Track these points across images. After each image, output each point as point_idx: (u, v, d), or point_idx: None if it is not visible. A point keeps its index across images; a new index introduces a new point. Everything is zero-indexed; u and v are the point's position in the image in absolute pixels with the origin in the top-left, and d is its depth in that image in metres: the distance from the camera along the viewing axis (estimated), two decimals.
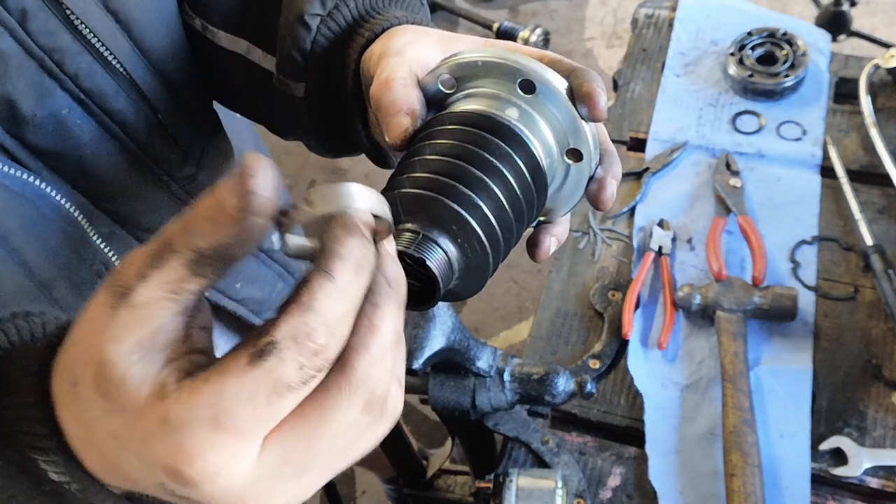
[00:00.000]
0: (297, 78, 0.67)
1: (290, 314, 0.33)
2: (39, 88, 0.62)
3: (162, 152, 0.74)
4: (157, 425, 0.33)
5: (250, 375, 0.32)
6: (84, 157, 0.67)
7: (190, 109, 0.76)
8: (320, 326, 0.33)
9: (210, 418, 0.32)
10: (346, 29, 0.65)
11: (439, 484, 1.14)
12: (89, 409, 0.35)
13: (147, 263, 0.34)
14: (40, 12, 0.61)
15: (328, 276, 0.33)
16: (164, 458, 0.33)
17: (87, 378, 0.35)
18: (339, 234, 0.34)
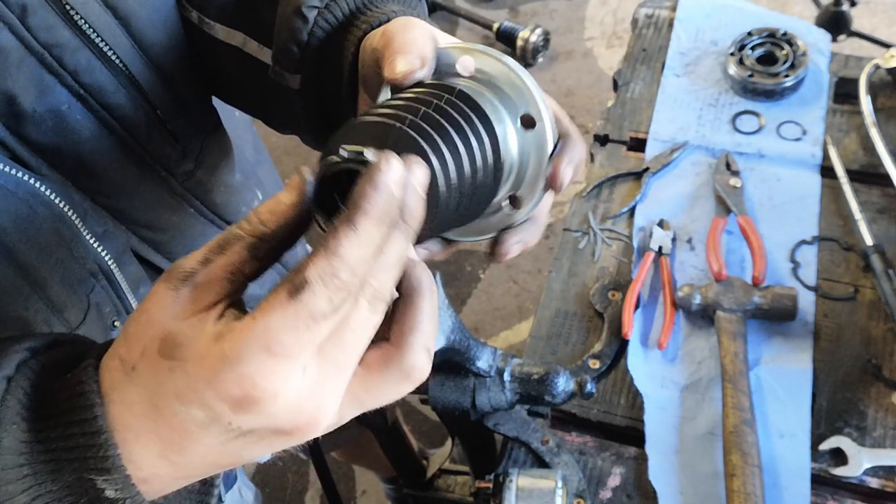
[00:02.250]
0: (292, 70, 0.67)
1: (318, 257, 0.38)
2: (39, 84, 0.62)
3: (161, 148, 0.74)
4: (219, 362, 0.38)
5: (290, 308, 0.38)
6: (83, 153, 0.67)
7: (189, 105, 0.77)
8: (343, 267, 0.38)
9: (263, 347, 0.38)
10: (343, 21, 0.66)
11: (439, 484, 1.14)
12: (152, 379, 0.40)
13: (210, 252, 0.41)
14: (40, 8, 0.61)
15: (352, 226, 0.39)
16: (230, 389, 0.38)
17: (151, 352, 0.40)
18: (367, 190, 0.39)
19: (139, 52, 0.70)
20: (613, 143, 1.30)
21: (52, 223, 0.65)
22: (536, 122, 0.52)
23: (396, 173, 0.40)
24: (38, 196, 0.64)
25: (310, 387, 0.40)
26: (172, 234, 0.79)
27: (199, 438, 0.41)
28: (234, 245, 0.41)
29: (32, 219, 0.63)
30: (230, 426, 0.40)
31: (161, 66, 0.72)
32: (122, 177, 0.71)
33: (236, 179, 0.87)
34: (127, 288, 0.74)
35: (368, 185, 0.39)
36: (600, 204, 1.22)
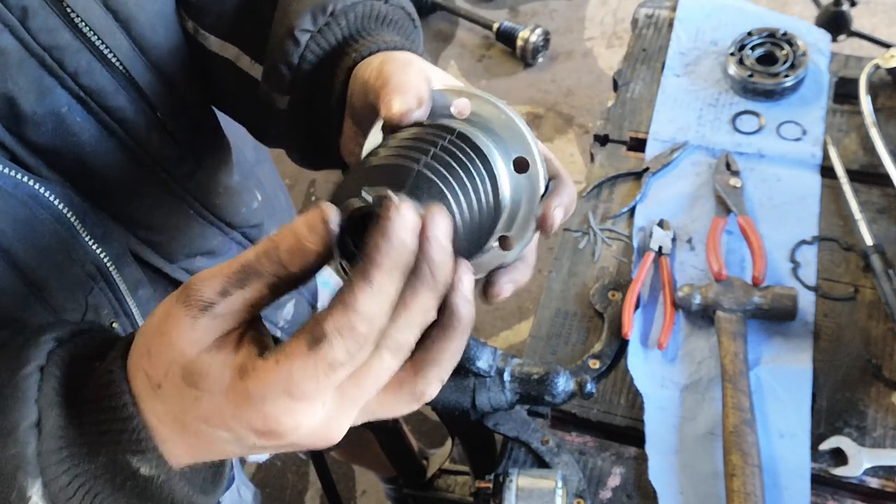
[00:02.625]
0: (281, 91, 0.67)
1: (335, 311, 0.40)
2: (39, 86, 0.62)
3: (161, 150, 0.74)
4: (244, 399, 0.41)
5: (310, 359, 0.40)
6: (83, 155, 0.67)
7: (188, 108, 0.77)
8: (360, 320, 0.40)
9: (284, 391, 0.41)
10: (335, 47, 0.66)
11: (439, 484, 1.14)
12: (178, 402, 0.43)
13: (230, 284, 0.42)
14: (41, 10, 0.61)
15: (368, 280, 0.40)
16: (255, 423, 0.42)
17: (175, 377, 0.43)
18: (378, 243, 0.40)
19: (139, 54, 0.70)
20: (613, 143, 1.30)
21: (51, 225, 0.65)
22: (529, 164, 0.52)
23: (408, 222, 0.40)
24: (37, 198, 0.64)
25: (327, 418, 0.43)
26: (172, 235, 0.79)
27: (222, 447, 0.45)
28: (255, 282, 0.42)
29: (31, 221, 0.63)
30: (254, 446, 0.44)
31: (161, 69, 0.72)
32: (122, 178, 0.71)
33: (235, 180, 0.87)
34: (126, 290, 0.74)
35: (381, 237, 0.40)
36: (600, 204, 1.22)
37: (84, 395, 0.46)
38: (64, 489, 0.44)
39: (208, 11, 0.74)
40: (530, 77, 2.98)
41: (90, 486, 0.45)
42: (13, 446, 0.44)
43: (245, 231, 0.89)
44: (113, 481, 0.46)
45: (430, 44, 3.17)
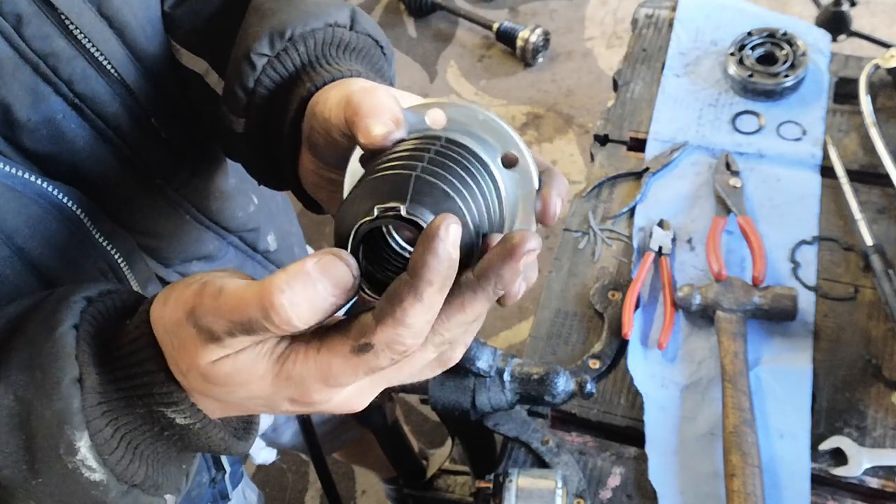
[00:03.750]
0: (237, 113, 0.66)
1: (386, 326, 0.41)
2: (34, 93, 0.62)
3: (155, 156, 0.74)
4: (282, 381, 0.44)
5: (352, 362, 0.42)
6: (79, 162, 0.67)
7: (182, 114, 0.76)
8: (409, 335, 0.41)
9: (321, 378, 0.43)
10: (292, 73, 0.64)
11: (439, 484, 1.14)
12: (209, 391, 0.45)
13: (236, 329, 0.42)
14: (35, 17, 0.61)
15: (418, 297, 0.40)
16: (290, 396, 0.44)
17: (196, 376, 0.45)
18: (428, 261, 0.40)
19: (134, 61, 0.70)
20: (613, 143, 1.30)
21: (62, 222, 0.66)
22: (518, 159, 0.51)
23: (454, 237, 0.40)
24: (47, 196, 0.64)
25: (358, 392, 0.46)
26: (168, 239, 0.79)
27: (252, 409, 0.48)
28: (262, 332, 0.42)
29: (43, 219, 0.64)
30: (284, 410, 0.46)
31: (155, 75, 0.72)
32: (118, 185, 0.71)
33: (230, 185, 0.87)
34: (137, 286, 0.74)
35: (430, 254, 0.40)
36: (600, 204, 1.22)
37: (116, 351, 0.47)
38: (108, 441, 0.46)
39: (181, 24, 0.74)
40: (530, 77, 2.98)
41: (131, 437, 0.48)
42: (59, 401, 0.45)
43: (242, 235, 0.89)
44: (152, 430, 0.48)
45: (430, 44, 3.18)
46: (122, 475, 0.48)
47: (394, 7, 3.31)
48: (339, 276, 0.41)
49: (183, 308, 0.44)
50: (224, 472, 0.92)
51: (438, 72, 3.07)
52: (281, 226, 1.01)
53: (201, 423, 0.48)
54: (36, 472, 0.46)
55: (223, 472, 0.92)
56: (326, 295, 0.41)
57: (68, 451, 0.45)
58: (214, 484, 0.91)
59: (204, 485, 0.89)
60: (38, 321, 0.48)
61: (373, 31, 0.69)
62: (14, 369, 0.46)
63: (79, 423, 0.45)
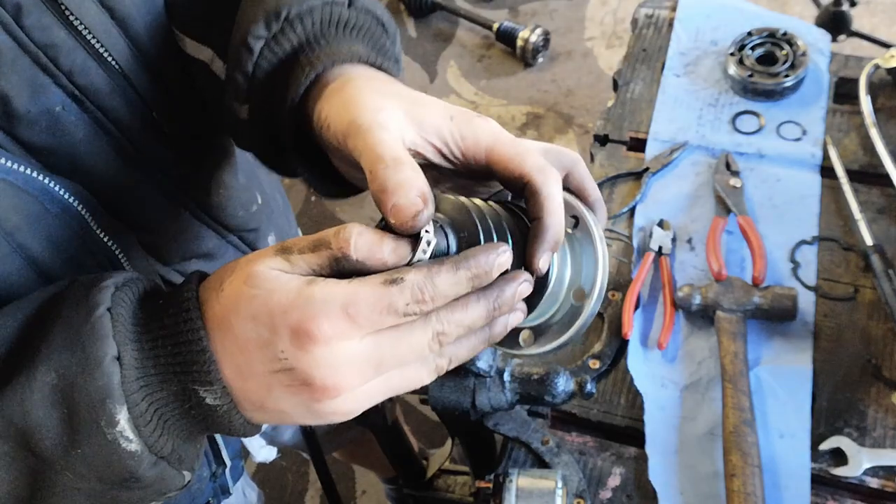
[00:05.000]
0: (239, 100, 0.66)
1: (420, 272, 0.48)
2: (33, 84, 0.62)
3: (156, 151, 0.73)
4: (304, 298, 0.47)
5: (378, 291, 0.47)
6: (78, 155, 0.66)
7: (185, 108, 0.76)
8: (431, 289, 0.48)
9: (343, 304, 0.47)
10: (290, 54, 0.63)
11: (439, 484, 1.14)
12: (232, 300, 0.49)
13: (307, 245, 0.49)
14: (35, 8, 0.60)
15: (454, 271, 0.49)
16: (298, 320, 0.47)
17: (237, 280, 0.49)
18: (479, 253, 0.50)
19: (135, 53, 0.69)
20: (613, 143, 1.30)
21: (63, 218, 0.65)
22: (579, 221, 0.59)
23: (504, 260, 0.51)
24: (48, 192, 0.64)
25: (352, 361, 0.48)
26: (166, 236, 0.79)
27: (251, 357, 0.49)
28: (323, 251, 0.49)
29: (44, 215, 0.64)
30: (280, 354, 0.48)
31: (157, 69, 0.71)
32: (118, 178, 0.71)
33: (237, 181, 0.87)
34: None
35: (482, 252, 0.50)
36: None
37: (156, 328, 0.51)
38: (143, 415, 0.50)
39: (183, 11, 0.73)
40: (530, 77, 2.98)
41: (162, 412, 0.51)
42: (100, 378, 0.48)
43: (242, 234, 0.89)
44: (182, 408, 0.51)
45: (430, 44, 3.18)
46: (153, 447, 0.51)
47: (394, 7, 3.31)
48: (401, 249, 0.49)
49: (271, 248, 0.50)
50: (225, 466, 0.92)
51: (438, 72, 3.07)
52: (281, 227, 1.01)
53: (227, 406, 0.51)
54: (77, 443, 0.49)
55: (224, 467, 0.92)
56: (384, 250, 0.48)
57: (109, 423, 0.49)
58: (215, 478, 0.91)
59: (205, 479, 0.89)
60: (71, 306, 0.51)
61: (373, 7, 0.68)
62: (55, 350, 0.49)
63: (119, 398, 0.49)
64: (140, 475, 0.51)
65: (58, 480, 0.51)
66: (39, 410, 0.49)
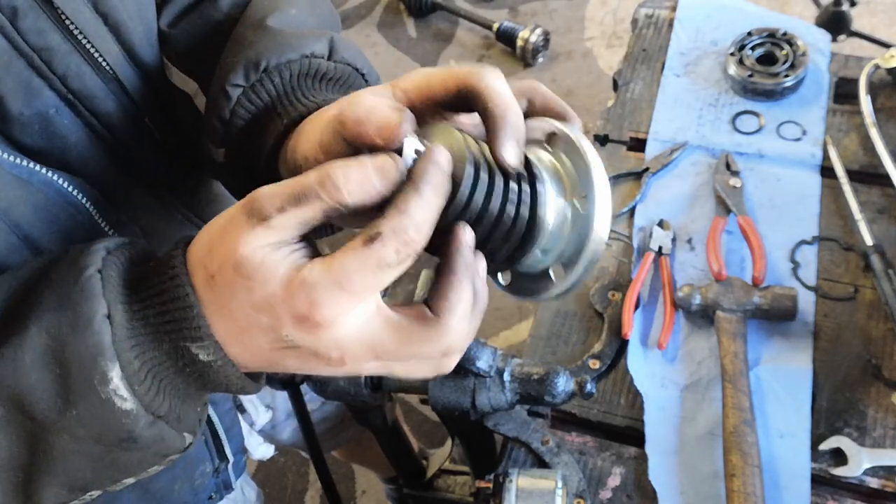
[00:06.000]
0: (216, 143, 0.66)
1: (391, 215, 0.46)
2: (27, 87, 0.62)
3: (149, 156, 0.74)
4: (297, 286, 0.46)
5: (362, 253, 0.46)
6: (70, 158, 0.67)
7: (178, 115, 0.76)
8: (411, 225, 0.46)
9: (335, 281, 0.46)
10: (268, 104, 0.64)
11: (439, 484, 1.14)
12: (228, 291, 0.48)
13: (287, 201, 0.47)
14: (31, 11, 0.61)
15: (418, 192, 0.46)
16: (299, 307, 0.46)
17: (226, 270, 0.48)
18: (427, 166, 0.47)
19: (129, 60, 0.69)
20: (613, 143, 1.30)
21: (68, 211, 0.66)
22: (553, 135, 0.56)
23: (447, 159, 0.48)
24: (52, 185, 0.65)
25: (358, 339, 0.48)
26: (159, 239, 0.79)
27: (255, 337, 0.49)
28: (312, 202, 0.47)
29: (49, 207, 0.64)
30: (285, 338, 0.48)
31: (151, 76, 0.72)
32: (110, 183, 0.71)
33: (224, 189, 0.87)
34: None
35: (429, 162, 0.47)
36: None
37: (145, 289, 0.51)
38: (136, 373, 0.50)
39: (175, 43, 0.73)
40: (530, 77, 2.98)
41: (156, 371, 0.51)
42: (91, 336, 0.49)
43: None
44: (175, 366, 0.51)
45: (430, 44, 3.18)
46: (149, 406, 0.51)
47: (394, 7, 3.31)
48: (386, 164, 0.47)
49: (238, 205, 0.48)
50: (227, 461, 0.92)
51: None
52: None
53: (222, 361, 0.51)
54: (71, 404, 0.49)
55: (226, 462, 0.92)
56: (374, 177, 0.47)
57: (102, 382, 0.49)
58: (217, 473, 0.91)
59: (207, 474, 0.89)
60: (62, 269, 0.51)
61: (352, 58, 0.68)
62: (46, 311, 0.49)
63: (111, 356, 0.49)
64: (137, 435, 0.51)
65: (56, 443, 0.51)
66: (32, 372, 0.49)
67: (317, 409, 1.29)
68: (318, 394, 0.98)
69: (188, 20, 0.74)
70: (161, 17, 0.74)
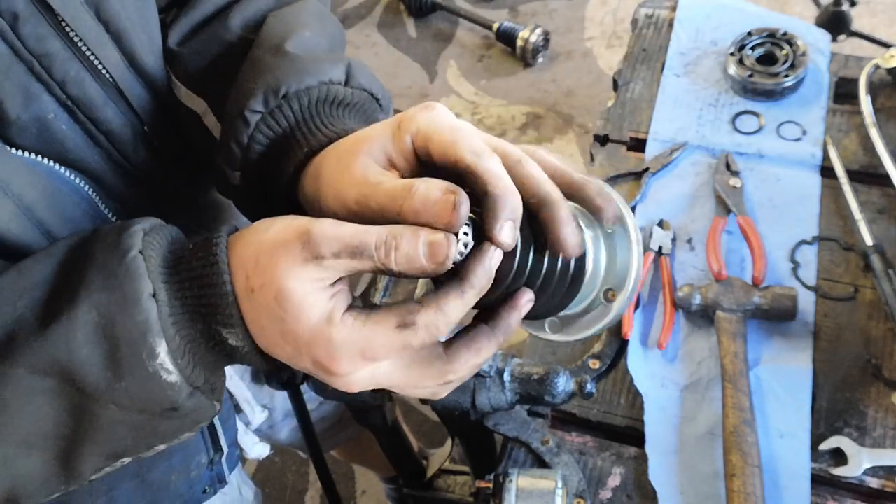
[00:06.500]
0: (233, 167, 0.66)
1: (430, 310, 0.51)
2: (26, 92, 0.62)
3: (147, 164, 0.74)
4: (323, 340, 0.51)
5: (392, 336, 0.51)
6: (67, 163, 0.67)
7: (178, 123, 0.76)
8: (444, 323, 0.51)
9: (360, 349, 0.51)
10: (287, 131, 0.64)
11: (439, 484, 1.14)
12: (263, 312, 0.52)
13: (344, 250, 0.50)
14: (32, 17, 0.61)
15: (461, 295, 0.51)
16: (319, 357, 0.51)
17: (268, 293, 0.51)
18: (476, 268, 0.51)
19: (129, 67, 0.70)
20: (613, 143, 1.30)
21: (74, 198, 0.67)
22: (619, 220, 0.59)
23: (499, 258, 0.52)
24: (58, 174, 0.65)
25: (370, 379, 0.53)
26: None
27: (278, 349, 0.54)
28: (365, 261, 0.50)
29: (58, 193, 0.65)
30: (302, 365, 0.53)
31: (151, 84, 0.72)
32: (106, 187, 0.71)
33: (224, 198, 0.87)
34: None
35: (480, 266, 0.51)
36: None
37: (185, 270, 0.54)
38: (178, 348, 0.53)
39: (185, 62, 0.74)
40: (530, 77, 2.98)
41: (192, 346, 0.54)
42: (140, 314, 0.52)
43: None
44: (207, 344, 0.55)
45: (430, 44, 3.18)
46: (189, 378, 0.54)
47: (394, 7, 3.31)
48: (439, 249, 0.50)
49: (295, 230, 0.51)
50: (222, 453, 0.92)
51: (438, 72, 3.07)
52: None
53: (249, 347, 0.55)
54: (120, 377, 0.52)
55: (221, 454, 0.92)
56: (424, 255, 0.50)
57: (150, 356, 0.52)
58: (212, 466, 0.91)
59: (203, 465, 0.90)
60: (104, 249, 0.54)
61: (368, 84, 0.68)
62: (94, 291, 0.52)
63: (158, 332, 0.52)
64: (180, 405, 0.54)
65: (102, 414, 0.54)
66: (83, 348, 0.52)
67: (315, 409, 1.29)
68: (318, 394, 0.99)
69: (198, 40, 0.75)
70: (170, 35, 0.74)
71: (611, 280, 0.58)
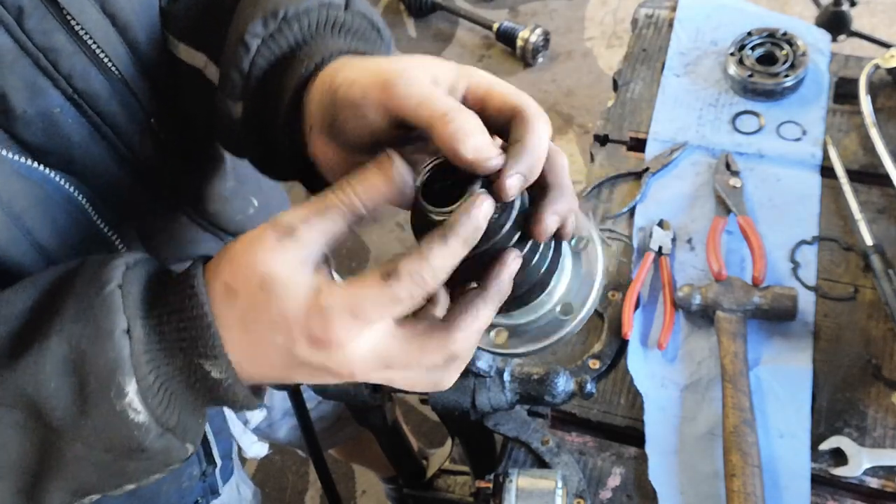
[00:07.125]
0: (234, 97, 0.66)
1: (412, 257, 0.49)
2: (32, 86, 0.62)
3: (153, 156, 0.74)
4: (315, 310, 0.49)
5: (378, 287, 0.49)
6: (74, 157, 0.67)
7: (183, 115, 0.76)
8: (428, 270, 0.49)
9: (349, 308, 0.49)
10: (286, 52, 0.64)
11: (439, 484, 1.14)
12: (248, 306, 0.50)
13: (311, 213, 0.50)
14: (37, 11, 0.61)
15: (444, 243, 0.49)
16: (314, 329, 0.49)
17: (251, 284, 0.50)
18: (461, 217, 0.49)
19: (135, 60, 0.69)
20: (613, 143, 1.30)
21: (66, 207, 0.66)
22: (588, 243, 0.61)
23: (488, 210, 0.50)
24: (51, 182, 0.65)
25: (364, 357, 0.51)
26: (162, 239, 0.79)
27: (268, 354, 0.51)
28: (333, 213, 0.50)
29: (49, 202, 0.64)
30: (297, 356, 0.50)
31: (156, 76, 0.72)
32: (112, 183, 0.71)
33: (228, 188, 0.87)
34: None
35: (465, 213, 0.49)
36: (600, 204, 1.22)
37: (163, 305, 0.52)
38: (150, 387, 0.51)
39: (179, 18, 0.73)
40: (530, 77, 2.98)
41: (168, 385, 0.52)
42: (111, 350, 0.50)
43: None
44: (187, 381, 0.53)
45: (430, 44, 3.17)
46: (159, 419, 0.52)
47: (394, 7, 3.31)
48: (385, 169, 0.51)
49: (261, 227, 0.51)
50: (215, 465, 0.92)
51: None
52: None
53: (232, 379, 0.52)
54: (86, 414, 0.51)
55: (214, 466, 0.92)
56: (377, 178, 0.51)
57: (118, 395, 0.50)
58: (205, 478, 0.91)
59: (195, 477, 0.89)
60: (83, 281, 0.53)
61: (370, 13, 0.69)
62: (68, 322, 0.51)
63: (128, 370, 0.50)
64: (147, 446, 0.52)
65: (66, 450, 0.52)
66: (52, 380, 0.50)
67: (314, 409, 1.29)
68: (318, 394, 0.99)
69: None
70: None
71: (569, 296, 0.59)
